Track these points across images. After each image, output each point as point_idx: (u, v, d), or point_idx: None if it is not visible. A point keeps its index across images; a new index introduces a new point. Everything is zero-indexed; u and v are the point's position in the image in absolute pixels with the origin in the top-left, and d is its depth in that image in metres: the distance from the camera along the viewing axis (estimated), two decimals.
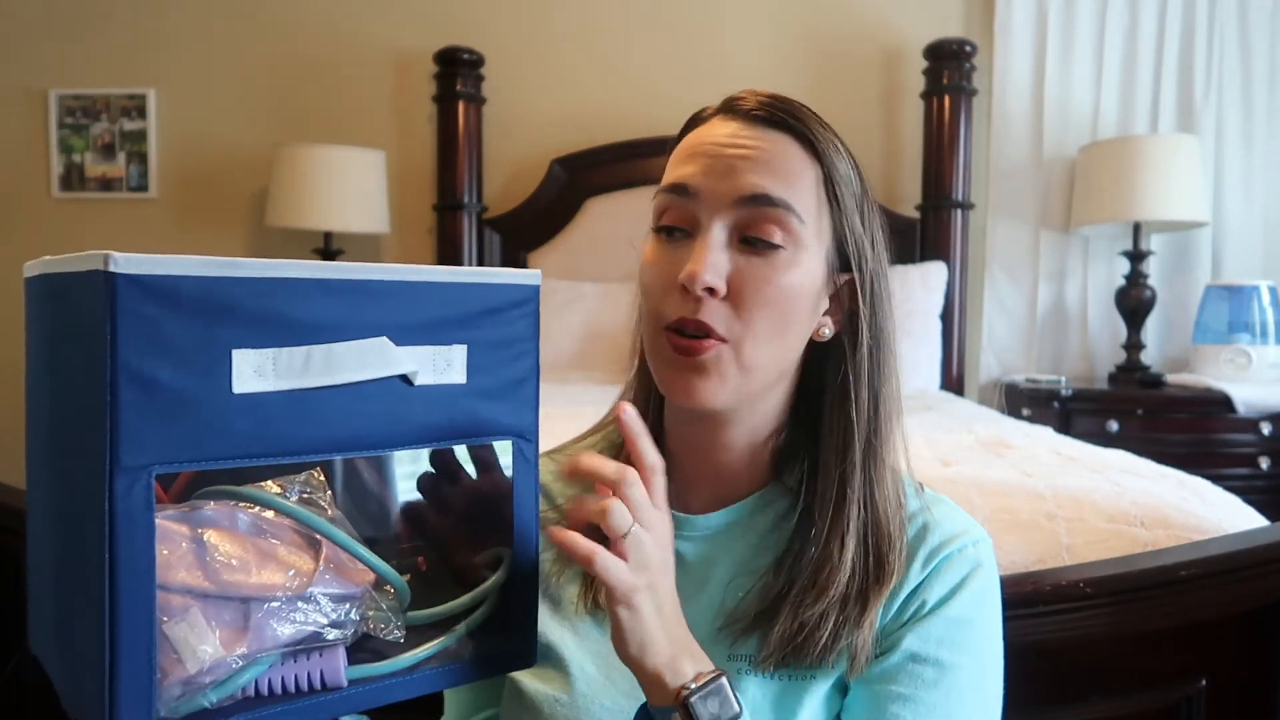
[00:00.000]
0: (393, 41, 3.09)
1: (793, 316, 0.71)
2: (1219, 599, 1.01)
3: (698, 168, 0.71)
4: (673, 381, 0.71)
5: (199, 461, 0.52)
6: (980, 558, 0.73)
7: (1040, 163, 2.95)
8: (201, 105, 3.11)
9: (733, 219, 0.69)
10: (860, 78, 3.00)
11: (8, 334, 3.16)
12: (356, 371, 0.57)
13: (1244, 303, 2.63)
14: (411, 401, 0.60)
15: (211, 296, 0.51)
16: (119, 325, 0.49)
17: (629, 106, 3.01)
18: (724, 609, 0.73)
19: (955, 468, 1.39)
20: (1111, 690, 1.01)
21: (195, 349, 0.51)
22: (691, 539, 0.76)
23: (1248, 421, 2.46)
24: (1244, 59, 2.90)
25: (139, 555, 0.50)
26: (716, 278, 0.68)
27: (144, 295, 0.49)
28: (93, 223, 3.13)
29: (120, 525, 0.50)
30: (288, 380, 0.54)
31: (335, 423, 0.57)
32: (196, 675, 0.55)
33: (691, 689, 0.61)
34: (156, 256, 0.49)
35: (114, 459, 0.49)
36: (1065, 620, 0.97)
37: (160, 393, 0.50)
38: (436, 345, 0.61)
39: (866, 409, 0.72)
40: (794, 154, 0.71)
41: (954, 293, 2.84)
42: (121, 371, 0.49)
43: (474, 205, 3.00)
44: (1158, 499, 1.21)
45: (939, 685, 0.68)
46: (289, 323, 0.54)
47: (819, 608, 0.68)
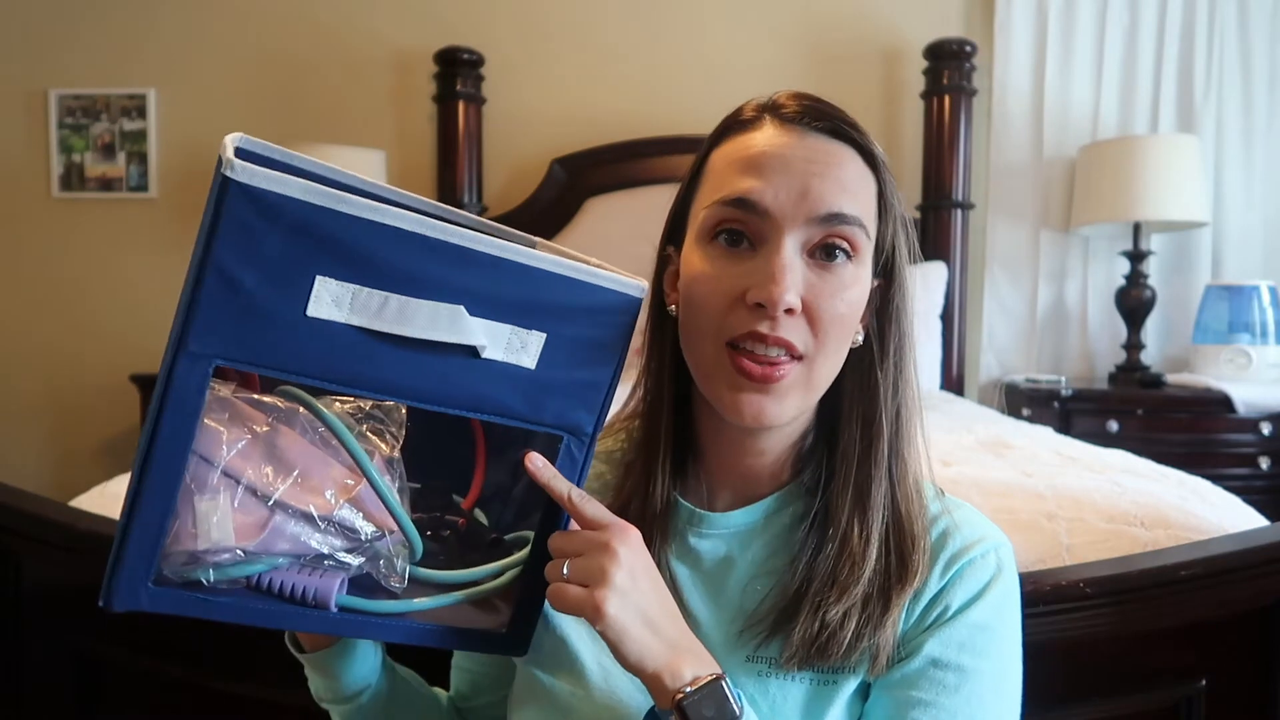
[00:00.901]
0: (393, 41, 3.09)
1: (854, 329, 0.71)
2: (1219, 599, 1.01)
3: (764, 182, 0.69)
4: (736, 402, 0.69)
5: (258, 366, 0.56)
6: (1002, 563, 0.73)
7: (1040, 163, 2.95)
8: (201, 105, 3.11)
9: (805, 235, 0.69)
10: (860, 78, 3.00)
11: (7, 334, 3.16)
12: (426, 330, 0.59)
13: (1244, 303, 2.63)
14: (474, 371, 0.62)
15: (312, 223, 0.54)
16: (221, 224, 0.52)
17: (629, 106, 3.01)
18: (743, 610, 0.73)
19: (955, 468, 1.39)
20: (1111, 690, 1.01)
21: (283, 265, 0.54)
22: (712, 536, 0.76)
23: (1248, 421, 2.46)
24: (1244, 59, 2.90)
25: (180, 432, 0.55)
26: (796, 297, 0.67)
27: (250, 204, 0.52)
28: (93, 223, 3.13)
29: (171, 401, 0.55)
30: (360, 318, 0.57)
31: (395, 369, 0.59)
32: (204, 552, 0.58)
33: (687, 693, 0.61)
34: (272, 173, 0.53)
35: (183, 342, 0.54)
36: (1065, 620, 0.97)
37: (240, 294, 0.54)
38: (516, 326, 0.62)
39: (892, 411, 0.72)
40: (859, 168, 0.71)
41: (954, 293, 2.85)
42: (212, 266, 0.53)
43: (474, 205, 3.00)
44: (1158, 499, 1.21)
45: (960, 691, 0.69)
46: (378, 266, 0.56)
47: (841, 607, 0.68)
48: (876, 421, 0.72)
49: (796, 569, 0.72)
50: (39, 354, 3.13)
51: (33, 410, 3.13)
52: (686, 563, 0.76)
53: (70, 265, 3.12)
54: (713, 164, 0.73)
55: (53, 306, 3.13)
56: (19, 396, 3.14)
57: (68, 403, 3.09)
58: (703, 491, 0.78)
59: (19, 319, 3.14)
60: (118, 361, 2.99)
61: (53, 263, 3.13)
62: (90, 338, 3.10)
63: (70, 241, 3.12)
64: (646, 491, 0.75)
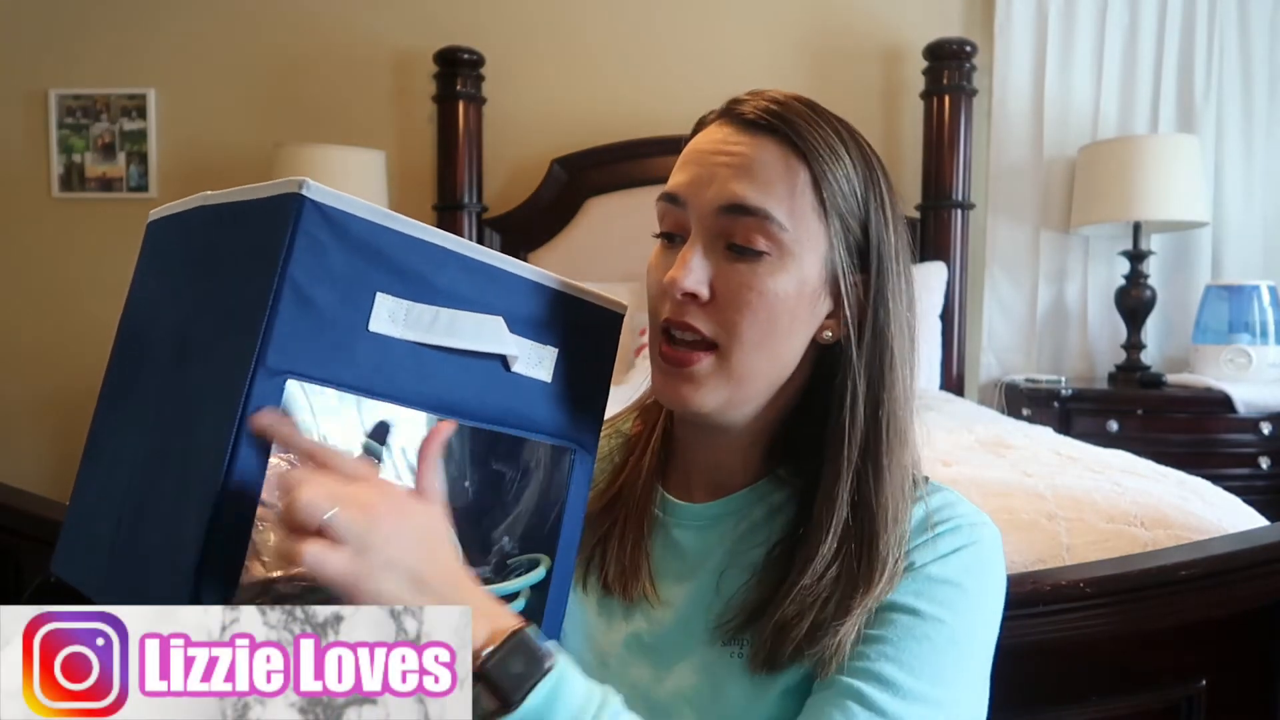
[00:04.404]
0: (393, 41, 3.08)
1: (781, 322, 0.70)
2: (1219, 599, 1.01)
3: (687, 176, 0.72)
4: (663, 387, 0.73)
5: (326, 382, 0.56)
6: (978, 536, 0.71)
7: (1040, 163, 2.95)
8: (201, 105, 3.11)
9: (715, 227, 0.70)
10: (860, 78, 3.00)
11: (7, 334, 3.16)
12: (472, 341, 0.62)
13: (1244, 303, 2.62)
14: (504, 384, 0.65)
15: (373, 239, 0.57)
16: (296, 242, 0.54)
17: (629, 106, 3.01)
18: (719, 598, 0.73)
19: (955, 468, 1.39)
20: (1111, 690, 1.01)
21: (349, 281, 0.56)
22: (689, 527, 0.78)
23: (1248, 421, 2.46)
24: (1244, 59, 2.90)
25: (259, 449, 0.54)
26: (696, 283, 0.69)
27: (323, 221, 0.55)
28: (93, 223, 3.12)
29: (248, 420, 0.53)
30: (414, 332, 0.59)
31: (439, 383, 0.61)
32: (270, 581, 0.57)
33: (485, 654, 0.54)
34: (338, 192, 0.55)
35: (261, 358, 0.53)
36: (1065, 620, 0.97)
37: (312, 310, 0.55)
38: (535, 341, 0.66)
39: (864, 413, 0.71)
40: (776, 159, 0.69)
41: (954, 293, 2.84)
42: (288, 283, 0.54)
43: (474, 205, 3.00)
44: (1158, 499, 1.21)
45: (913, 631, 0.66)
46: (426, 283, 0.59)
47: (795, 605, 0.67)
48: (844, 422, 0.71)
49: (770, 565, 0.72)
50: (39, 354, 3.13)
51: (33, 410, 3.13)
52: (667, 552, 0.78)
53: (70, 265, 3.12)
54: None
55: (53, 306, 3.13)
56: (19, 396, 3.14)
57: (68, 403, 3.08)
58: (681, 484, 0.80)
59: (19, 319, 3.14)
60: None
61: (53, 263, 3.13)
62: (90, 338, 3.09)
63: (70, 241, 3.12)
64: (637, 480, 0.79)
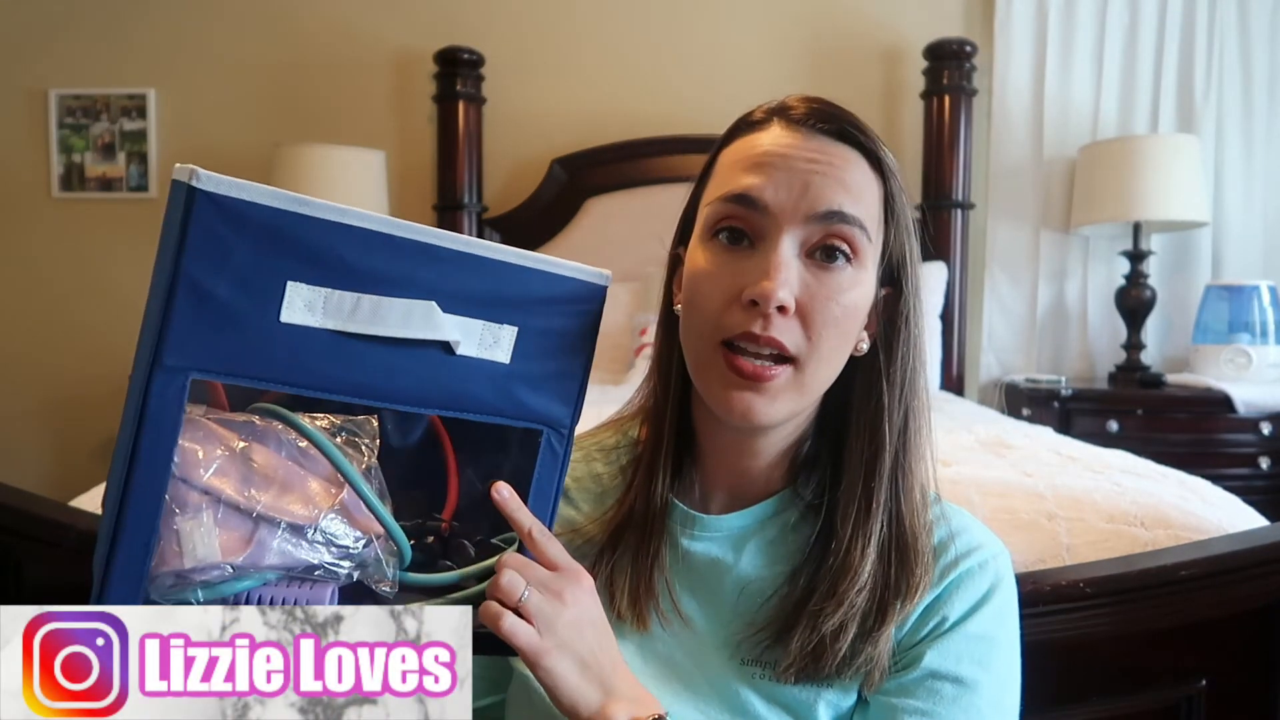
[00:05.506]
0: (393, 41, 3.08)
1: (851, 334, 0.70)
2: (1219, 599, 1.01)
3: (765, 179, 0.69)
4: (728, 399, 0.68)
5: (234, 377, 0.55)
6: (1000, 573, 0.73)
7: (1040, 163, 2.95)
8: (201, 105, 3.11)
9: (804, 234, 0.68)
10: (860, 78, 3.00)
11: (8, 334, 3.16)
12: (400, 329, 0.59)
13: (1244, 303, 2.63)
14: (450, 368, 0.62)
15: (279, 228, 0.54)
16: (189, 236, 0.52)
17: (629, 106, 3.00)
18: (739, 615, 0.73)
19: (955, 468, 1.38)
20: (1111, 690, 1.01)
21: (253, 273, 0.54)
22: (704, 539, 0.76)
23: (1248, 421, 2.46)
24: (1244, 59, 2.90)
25: (160, 449, 0.54)
26: (790, 295, 0.66)
27: (217, 213, 0.52)
28: (93, 223, 3.12)
29: (150, 418, 0.53)
30: (334, 321, 0.57)
31: (371, 371, 0.59)
32: (190, 571, 0.57)
33: None
34: (236, 180, 0.52)
35: (157, 358, 0.53)
36: (1065, 620, 0.97)
37: (212, 306, 0.53)
38: (487, 321, 0.62)
39: (898, 423, 0.71)
40: (863, 170, 0.70)
41: (954, 293, 2.84)
42: (182, 279, 0.52)
43: (474, 205, 2.99)
44: (1158, 499, 1.21)
45: (958, 702, 0.68)
46: (347, 268, 0.57)
47: (838, 619, 0.68)
48: (881, 433, 0.71)
49: (798, 580, 0.71)
50: (39, 353, 3.12)
51: (33, 410, 3.13)
52: (680, 564, 0.76)
53: (70, 265, 3.12)
54: (720, 164, 0.74)
55: (53, 306, 3.13)
56: (19, 396, 3.14)
57: (68, 402, 3.08)
58: (696, 494, 0.78)
59: (19, 318, 3.14)
60: (118, 361, 2.98)
61: (53, 262, 3.13)
62: (90, 337, 3.09)
63: (70, 241, 3.12)
64: (648, 491, 0.75)
